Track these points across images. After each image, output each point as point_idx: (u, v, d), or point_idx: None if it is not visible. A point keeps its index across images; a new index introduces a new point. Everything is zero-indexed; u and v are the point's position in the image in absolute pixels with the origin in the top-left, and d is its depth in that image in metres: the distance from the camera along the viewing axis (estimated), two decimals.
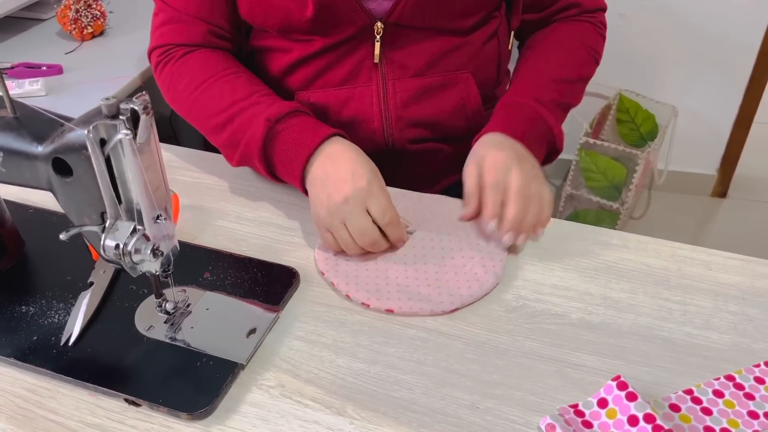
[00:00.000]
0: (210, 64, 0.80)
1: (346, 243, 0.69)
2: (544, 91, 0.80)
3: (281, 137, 0.72)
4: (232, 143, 0.76)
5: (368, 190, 0.68)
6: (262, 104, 0.75)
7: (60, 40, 1.36)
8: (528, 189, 0.70)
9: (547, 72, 0.83)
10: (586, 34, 0.87)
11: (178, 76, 0.81)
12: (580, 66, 0.85)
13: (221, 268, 0.70)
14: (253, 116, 0.74)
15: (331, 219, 0.68)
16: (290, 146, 0.72)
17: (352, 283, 0.67)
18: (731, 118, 1.99)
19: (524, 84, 0.81)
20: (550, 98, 0.80)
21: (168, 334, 0.63)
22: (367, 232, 0.67)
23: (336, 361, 0.61)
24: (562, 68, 0.83)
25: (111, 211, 0.54)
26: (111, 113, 0.50)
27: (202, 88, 0.78)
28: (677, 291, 0.68)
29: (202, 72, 0.80)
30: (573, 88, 0.84)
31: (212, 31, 0.82)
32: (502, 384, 0.59)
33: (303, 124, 0.73)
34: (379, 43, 0.78)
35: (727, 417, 0.56)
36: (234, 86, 0.77)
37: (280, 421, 0.56)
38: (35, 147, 0.55)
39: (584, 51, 0.86)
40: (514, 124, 0.76)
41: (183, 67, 0.81)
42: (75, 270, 0.70)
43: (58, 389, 0.59)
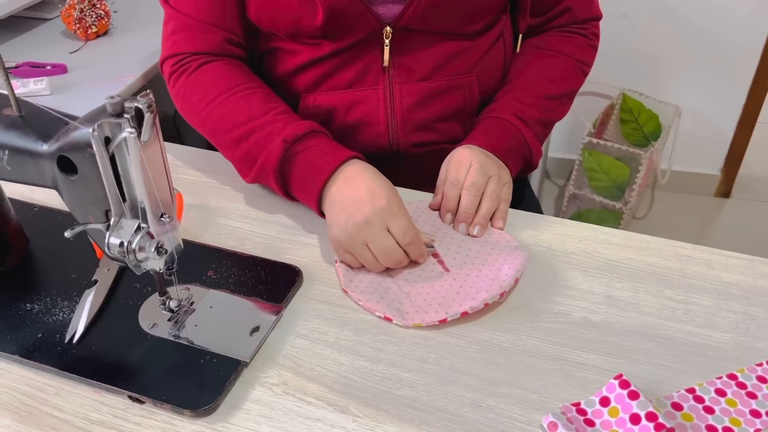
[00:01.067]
0: (226, 78, 0.79)
1: (369, 262, 0.68)
2: (528, 108, 0.82)
3: (298, 159, 0.72)
4: (248, 160, 0.76)
5: (388, 210, 0.67)
6: (278, 123, 0.74)
7: (64, 40, 1.36)
8: (482, 184, 0.74)
9: (533, 88, 0.84)
10: (577, 46, 0.88)
11: (193, 89, 0.80)
12: (567, 80, 0.87)
13: (225, 266, 0.70)
14: (269, 135, 0.74)
15: (351, 241, 0.68)
16: (308, 169, 0.72)
17: (373, 300, 0.66)
18: (735, 118, 1.99)
19: (510, 100, 0.83)
20: (532, 116, 0.82)
21: (172, 331, 0.63)
22: (391, 252, 0.67)
23: (339, 359, 0.61)
24: (549, 84, 0.85)
25: (115, 209, 0.54)
26: (116, 112, 0.51)
27: (217, 102, 0.78)
28: (680, 290, 0.68)
29: (217, 85, 0.78)
30: (558, 103, 0.86)
31: (228, 39, 0.81)
32: (505, 382, 0.59)
33: (321, 146, 0.73)
34: (388, 48, 0.78)
35: (730, 416, 0.56)
36: (250, 102, 0.77)
37: (283, 419, 0.56)
38: (40, 145, 0.55)
39: (572, 65, 0.87)
40: (494, 139, 0.79)
41: (198, 79, 0.80)
42: (79, 268, 0.70)
43: (63, 386, 0.59)
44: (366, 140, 0.83)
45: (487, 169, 0.75)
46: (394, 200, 0.69)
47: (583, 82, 0.90)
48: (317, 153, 0.72)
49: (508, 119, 0.81)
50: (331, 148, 0.73)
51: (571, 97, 0.88)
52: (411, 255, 0.69)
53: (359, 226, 0.67)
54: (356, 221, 0.67)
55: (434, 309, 0.65)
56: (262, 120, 0.75)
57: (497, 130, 0.80)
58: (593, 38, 0.91)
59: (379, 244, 0.67)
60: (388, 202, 0.68)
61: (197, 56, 0.81)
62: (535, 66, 0.86)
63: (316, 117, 0.83)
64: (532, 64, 0.87)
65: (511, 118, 0.81)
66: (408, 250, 0.68)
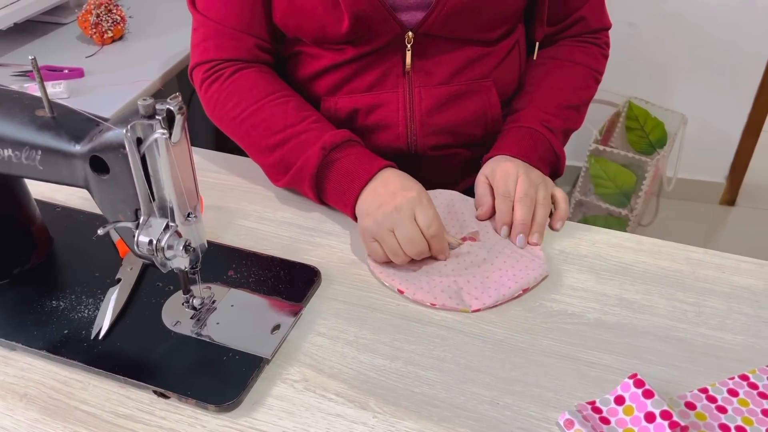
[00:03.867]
0: (260, 85, 0.81)
1: (393, 251, 0.70)
2: (552, 118, 0.84)
3: (336, 167, 0.75)
4: (283, 166, 0.78)
5: (418, 199, 0.70)
6: (314, 131, 0.77)
7: (80, 44, 1.38)
8: (534, 193, 0.75)
9: (554, 98, 0.86)
10: (591, 56, 0.90)
11: (227, 95, 0.81)
12: (584, 90, 0.89)
13: (245, 266, 0.72)
14: (306, 142, 0.76)
15: (378, 228, 0.70)
16: (345, 176, 0.74)
17: (406, 283, 0.70)
18: (740, 126, 2.00)
19: (534, 109, 0.85)
20: (556, 125, 0.84)
21: (194, 329, 0.64)
22: (415, 240, 0.69)
23: (358, 357, 0.63)
24: (569, 94, 0.87)
25: (145, 208, 0.56)
26: (148, 113, 0.52)
27: (253, 108, 0.79)
28: (691, 293, 0.70)
29: (252, 93, 0.80)
30: (577, 113, 0.88)
31: (258, 45, 0.83)
32: (521, 381, 0.60)
33: (357, 155, 0.75)
34: (410, 52, 0.80)
35: (742, 415, 0.57)
36: (285, 110, 0.79)
37: (305, 414, 0.58)
38: (72, 146, 0.57)
39: (588, 74, 0.90)
40: (526, 148, 0.81)
41: (232, 86, 0.81)
42: (102, 267, 0.71)
43: (89, 381, 0.61)
44: (385, 142, 0.85)
45: (534, 178, 0.77)
46: (423, 193, 0.72)
47: (596, 91, 0.92)
48: (354, 161, 0.75)
49: (536, 128, 0.82)
50: (368, 157, 0.76)
51: (587, 106, 0.91)
52: (432, 248, 0.71)
53: (388, 213, 0.69)
54: (386, 209, 0.70)
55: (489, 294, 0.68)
56: (299, 128, 0.77)
57: (527, 139, 0.82)
58: (605, 47, 0.93)
59: (405, 230, 0.69)
60: (418, 194, 0.71)
61: (230, 63, 0.82)
62: (554, 76, 0.88)
63: (336, 119, 0.84)
64: (551, 74, 0.89)
65: (538, 127, 0.82)
66: (431, 242, 0.70)
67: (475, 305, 0.67)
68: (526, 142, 0.81)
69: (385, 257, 0.71)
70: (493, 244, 0.75)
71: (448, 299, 0.68)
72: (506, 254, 0.73)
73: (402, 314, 0.67)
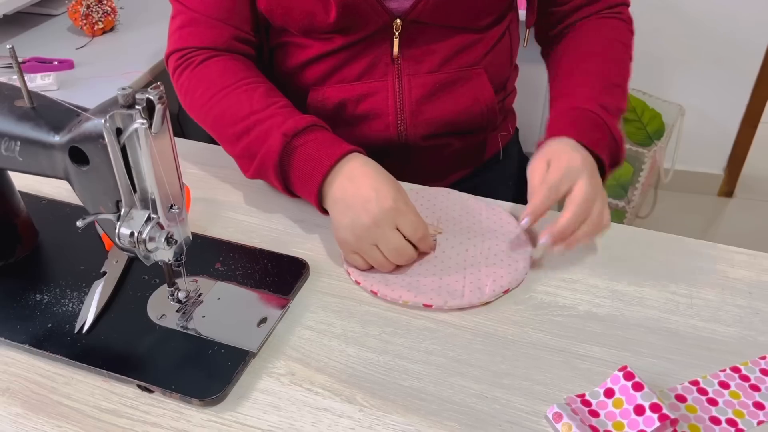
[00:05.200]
0: (229, 72, 0.78)
1: (378, 263, 0.67)
2: (605, 96, 0.77)
3: (298, 153, 0.71)
4: (248, 155, 0.75)
5: (396, 209, 0.66)
6: (278, 117, 0.73)
7: (71, 36, 1.37)
8: (591, 204, 0.68)
9: (602, 76, 0.79)
10: (620, 31, 0.85)
11: (196, 83, 0.79)
12: (625, 67, 0.83)
13: (232, 258, 0.71)
14: (269, 129, 0.72)
15: (360, 243, 0.67)
16: (307, 162, 0.70)
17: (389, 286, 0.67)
18: (738, 117, 1.99)
19: (584, 89, 0.77)
20: (611, 104, 0.76)
21: (180, 322, 0.64)
22: (402, 251, 0.67)
23: (346, 350, 0.62)
24: (613, 72, 0.80)
25: (126, 199, 0.55)
26: (127, 103, 0.51)
27: (219, 96, 0.77)
28: (684, 284, 0.69)
29: (220, 80, 0.78)
30: (624, 91, 0.81)
31: (235, 35, 0.81)
32: (510, 374, 0.60)
33: (320, 139, 0.71)
34: (397, 39, 0.79)
35: (733, 408, 0.57)
36: (252, 96, 0.76)
37: (291, 408, 0.57)
38: (52, 136, 0.56)
39: (624, 51, 0.84)
40: (587, 131, 0.72)
41: (202, 73, 0.79)
42: (88, 260, 0.71)
43: (73, 376, 0.60)
44: (375, 132, 0.84)
45: (595, 185, 0.68)
46: (399, 198, 0.67)
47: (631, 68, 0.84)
48: (317, 146, 0.70)
49: (593, 110, 0.74)
50: (331, 141, 0.71)
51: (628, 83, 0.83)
52: (421, 249, 0.69)
53: (367, 228, 0.66)
54: (364, 223, 0.66)
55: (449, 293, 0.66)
56: (263, 114, 0.74)
57: (586, 122, 0.73)
58: (629, 22, 0.87)
59: (390, 244, 0.66)
60: (394, 201, 0.66)
61: (203, 51, 0.80)
62: (593, 54, 0.82)
63: (325, 109, 0.83)
64: (590, 53, 0.82)
65: (595, 108, 0.74)
66: (419, 245, 0.68)
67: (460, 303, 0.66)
68: (585, 125, 0.73)
69: (367, 266, 0.69)
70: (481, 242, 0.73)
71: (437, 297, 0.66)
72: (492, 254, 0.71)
73: (391, 307, 0.66)
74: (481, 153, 0.95)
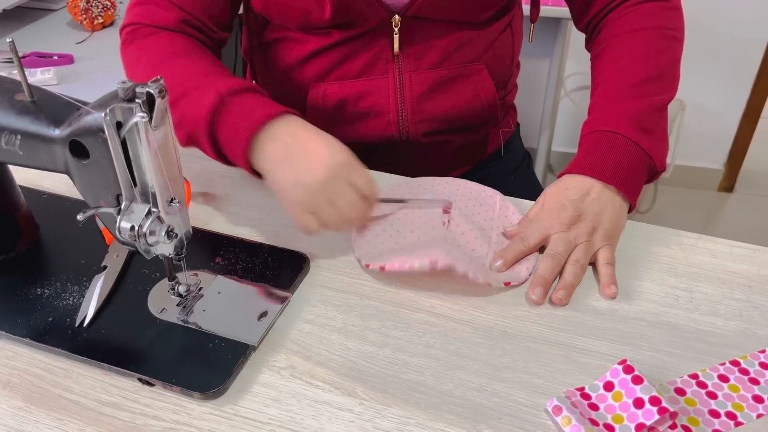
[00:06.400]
0: (174, 44, 0.76)
1: (333, 220, 0.65)
2: (632, 102, 0.72)
3: (230, 109, 0.66)
4: (182, 119, 0.70)
5: (350, 163, 0.64)
6: (218, 81, 0.69)
7: (71, 30, 1.37)
8: (565, 252, 0.67)
9: (624, 79, 0.75)
10: (651, 16, 0.78)
11: (139, 54, 0.77)
12: (657, 56, 0.76)
13: (232, 252, 0.71)
14: (205, 89, 0.68)
15: (314, 199, 0.64)
16: (238, 118, 0.65)
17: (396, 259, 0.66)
18: (739, 112, 1.99)
19: (606, 102, 0.74)
20: (635, 111, 0.72)
21: (180, 316, 0.64)
22: (358, 205, 0.65)
23: (346, 344, 0.62)
24: (639, 68, 0.75)
25: (126, 193, 0.55)
26: (127, 97, 0.51)
27: (162, 66, 0.74)
28: (684, 278, 0.69)
29: (163, 50, 0.76)
30: (659, 84, 0.75)
31: (186, 21, 0.78)
32: (510, 367, 0.60)
33: (256, 99, 0.67)
34: (397, 35, 0.78)
35: (732, 401, 0.57)
36: (196, 65, 0.73)
37: (291, 401, 0.57)
38: (52, 130, 0.56)
39: (656, 36, 0.77)
40: (608, 164, 0.69)
41: (146, 44, 0.77)
42: (89, 254, 0.71)
43: (74, 369, 0.60)
44: (376, 129, 0.84)
45: (575, 235, 0.68)
46: (351, 153, 0.65)
47: (680, 49, 0.78)
48: (252, 104, 0.66)
49: (608, 129, 0.71)
50: (268, 102, 0.67)
51: (672, 69, 0.77)
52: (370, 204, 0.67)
53: (323, 183, 0.63)
54: (318, 177, 0.63)
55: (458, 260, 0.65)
56: (202, 79, 0.70)
57: (598, 146, 0.71)
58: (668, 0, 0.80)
59: (346, 197, 0.64)
60: (348, 156, 0.65)
61: (150, 27, 0.79)
62: (614, 56, 0.78)
63: (325, 107, 0.83)
64: (611, 56, 0.78)
65: (610, 127, 0.71)
66: (371, 203, 0.66)
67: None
68: (606, 154, 0.70)
69: (318, 228, 0.66)
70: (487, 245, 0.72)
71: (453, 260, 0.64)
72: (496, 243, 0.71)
73: (391, 301, 0.67)
74: (483, 149, 0.95)
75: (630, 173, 0.70)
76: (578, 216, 0.69)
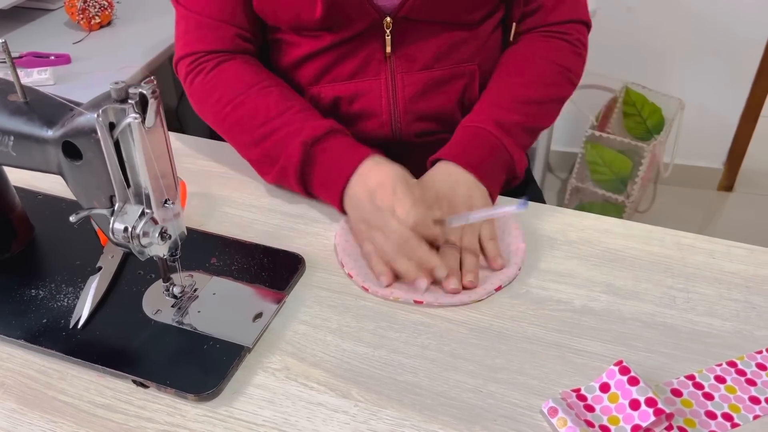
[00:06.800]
0: (243, 78, 0.79)
1: (384, 252, 0.68)
2: (508, 113, 0.78)
3: (318, 162, 0.73)
4: (268, 161, 0.76)
5: (393, 195, 0.68)
6: (296, 123, 0.75)
7: (68, 30, 1.36)
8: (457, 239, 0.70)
9: (513, 93, 0.80)
10: (557, 52, 0.83)
11: (211, 89, 0.80)
12: (549, 86, 0.82)
13: (228, 253, 0.71)
14: (288, 136, 0.74)
15: (368, 229, 0.69)
16: (329, 171, 0.73)
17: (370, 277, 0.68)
18: (738, 111, 1.98)
19: (488, 106, 0.80)
20: (513, 121, 0.78)
21: (175, 317, 0.64)
22: (401, 237, 0.66)
23: (341, 345, 0.62)
24: (529, 89, 0.81)
25: (120, 194, 0.55)
26: (120, 97, 0.51)
27: (236, 102, 0.78)
28: (680, 279, 0.69)
29: (235, 85, 0.78)
30: (540, 109, 0.81)
31: (239, 34, 0.81)
32: (505, 368, 0.60)
33: (340, 146, 0.74)
34: (389, 37, 0.78)
35: (729, 402, 0.57)
36: (267, 102, 0.77)
37: (286, 403, 0.57)
38: (45, 131, 0.56)
39: (554, 71, 0.82)
40: (471, 153, 0.75)
41: (215, 79, 0.80)
42: (84, 255, 0.70)
43: (67, 371, 0.60)
44: (369, 131, 0.83)
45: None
46: (399, 185, 0.68)
47: (570, 92, 0.85)
48: (337, 154, 0.73)
49: (487, 128, 0.77)
50: (351, 147, 0.74)
51: (555, 105, 0.84)
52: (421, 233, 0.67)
53: (370, 213, 0.69)
54: (367, 209, 0.69)
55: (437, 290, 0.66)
56: (281, 120, 0.75)
57: (474, 140, 0.76)
58: (577, 45, 0.85)
59: (388, 228, 0.67)
60: (392, 189, 0.68)
61: (212, 54, 0.81)
62: (511, 69, 0.83)
63: (320, 109, 0.83)
64: (508, 68, 0.83)
65: (488, 126, 0.77)
66: (415, 230, 0.66)
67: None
68: (473, 145, 0.76)
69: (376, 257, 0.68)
70: None
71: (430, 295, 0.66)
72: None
73: (386, 302, 0.66)
74: None
75: (491, 167, 0.76)
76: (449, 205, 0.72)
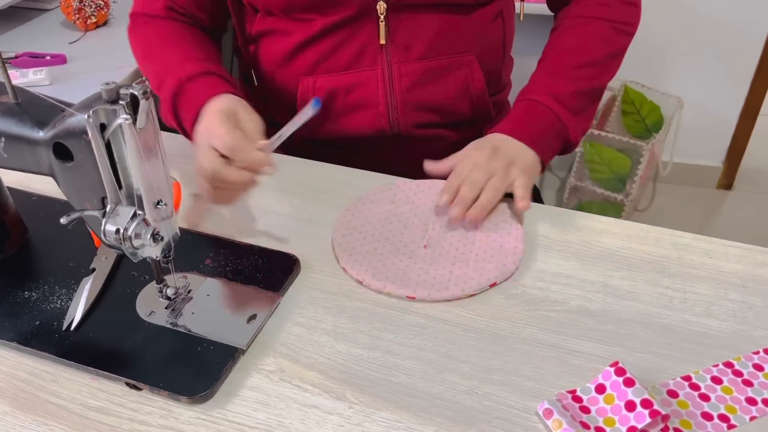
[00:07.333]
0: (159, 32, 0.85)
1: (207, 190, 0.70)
2: (563, 82, 0.80)
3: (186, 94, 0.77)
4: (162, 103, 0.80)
5: (208, 128, 0.70)
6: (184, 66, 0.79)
7: (64, 30, 1.36)
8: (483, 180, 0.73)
9: (565, 59, 0.82)
10: (605, 7, 0.85)
11: (136, 42, 0.88)
12: (601, 44, 0.84)
13: (222, 254, 0.70)
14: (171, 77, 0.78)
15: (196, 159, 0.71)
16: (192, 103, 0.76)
17: (375, 277, 0.67)
18: (737, 109, 1.98)
19: (542, 76, 0.82)
20: (567, 91, 0.80)
21: (169, 319, 0.63)
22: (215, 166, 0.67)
23: (336, 346, 0.61)
24: (582, 51, 0.82)
25: (111, 196, 0.54)
26: (111, 98, 0.51)
27: (150, 54, 0.84)
28: (677, 279, 0.68)
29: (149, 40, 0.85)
30: (596, 69, 0.83)
31: (171, 8, 0.86)
32: (501, 370, 0.59)
33: (207, 84, 0.76)
34: (383, 23, 0.78)
35: (725, 403, 0.56)
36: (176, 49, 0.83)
37: (280, 405, 0.56)
38: (36, 132, 0.55)
39: (605, 27, 0.84)
40: (525, 125, 0.78)
41: (141, 33, 0.87)
42: (77, 256, 0.70)
43: (60, 373, 0.60)
44: (367, 122, 0.83)
45: (494, 166, 0.74)
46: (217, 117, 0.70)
47: (627, 42, 0.87)
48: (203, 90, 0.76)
49: (538, 99, 0.79)
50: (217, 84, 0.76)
51: (614, 59, 0.85)
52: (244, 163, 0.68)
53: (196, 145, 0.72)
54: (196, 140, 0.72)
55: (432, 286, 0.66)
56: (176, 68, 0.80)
57: (526, 113, 0.79)
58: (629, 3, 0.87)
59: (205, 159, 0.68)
60: (209, 122, 0.70)
61: (145, 16, 0.88)
62: (565, 36, 0.85)
63: None
64: (563, 35, 0.85)
65: (541, 98, 0.79)
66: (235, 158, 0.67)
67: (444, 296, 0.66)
68: (527, 118, 0.79)
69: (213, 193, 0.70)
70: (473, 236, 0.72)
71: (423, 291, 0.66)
72: (482, 250, 0.71)
73: (381, 303, 0.66)
74: None
75: (544, 137, 0.78)
76: (496, 153, 0.75)
